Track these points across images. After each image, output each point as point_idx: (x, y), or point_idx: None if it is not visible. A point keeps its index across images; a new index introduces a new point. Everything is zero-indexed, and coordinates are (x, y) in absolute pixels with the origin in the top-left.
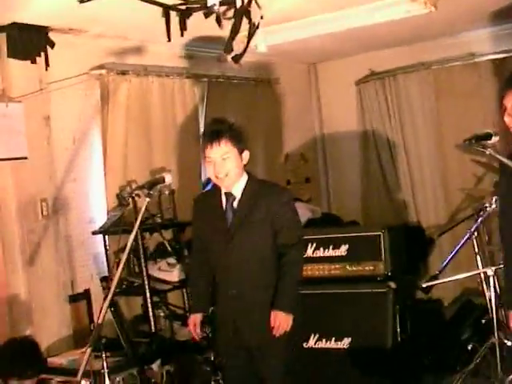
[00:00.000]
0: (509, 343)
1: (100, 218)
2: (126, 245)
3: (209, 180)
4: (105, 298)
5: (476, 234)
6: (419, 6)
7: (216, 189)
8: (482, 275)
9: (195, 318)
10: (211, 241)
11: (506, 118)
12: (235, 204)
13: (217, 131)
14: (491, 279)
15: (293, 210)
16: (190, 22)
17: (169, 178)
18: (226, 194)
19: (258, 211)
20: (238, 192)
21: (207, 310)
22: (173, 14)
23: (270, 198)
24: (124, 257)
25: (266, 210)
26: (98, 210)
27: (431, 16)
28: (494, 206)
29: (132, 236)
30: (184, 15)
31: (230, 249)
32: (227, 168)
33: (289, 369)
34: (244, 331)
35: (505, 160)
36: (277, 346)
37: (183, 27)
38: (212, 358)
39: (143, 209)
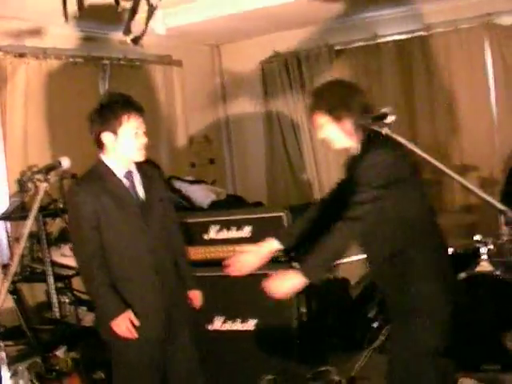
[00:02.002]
0: None
1: (1, 204)
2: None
3: None
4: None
5: None
6: None
7: None
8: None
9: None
10: None
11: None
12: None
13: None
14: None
15: None
16: (88, 2)
17: (66, 163)
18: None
19: None
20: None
21: None
22: None
23: None
24: (22, 243)
25: None
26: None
27: None
28: None
29: (29, 222)
30: None
31: None
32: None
33: None
34: None
35: (401, 140)
36: None
37: (81, 7)
38: None
39: (41, 194)
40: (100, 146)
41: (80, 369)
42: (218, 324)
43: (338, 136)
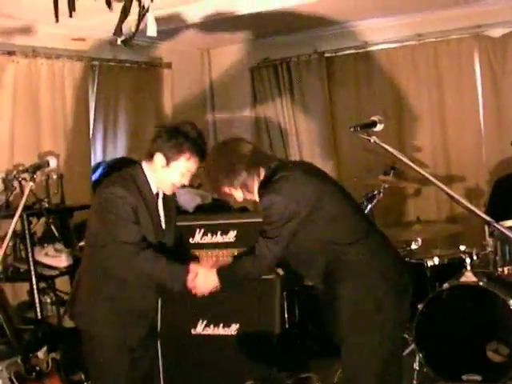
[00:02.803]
0: None
1: None
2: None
3: (98, 165)
4: None
5: None
6: None
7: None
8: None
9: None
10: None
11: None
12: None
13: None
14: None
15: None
16: (80, 3)
17: (53, 162)
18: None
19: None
20: None
21: None
22: None
23: None
24: (5, 242)
25: None
26: None
27: (324, 4)
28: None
29: (14, 221)
30: None
31: None
32: None
33: None
34: None
35: (389, 148)
36: None
37: (72, 8)
38: None
39: (26, 193)
40: (149, 157)
41: (60, 370)
42: (200, 328)
43: (247, 195)
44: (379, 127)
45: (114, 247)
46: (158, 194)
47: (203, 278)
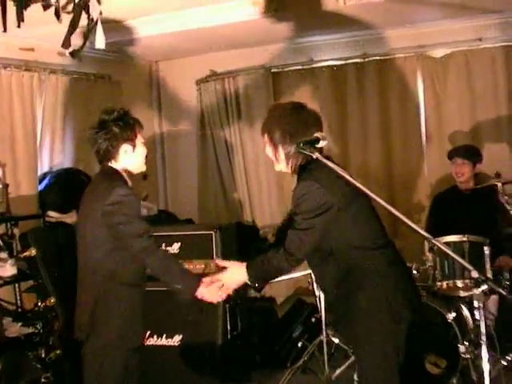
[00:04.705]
0: (336, 341)
1: None
2: None
3: (45, 175)
4: None
5: None
6: (260, 10)
7: None
8: (313, 276)
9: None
10: None
11: None
12: None
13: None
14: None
15: None
16: (29, 13)
17: None
18: None
19: None
20: None
21: None
22: (10, 3)
23: None
24: None
25: None
26: None
27: (271, 21)
28: None
29: None
30: (22, 6)
31: None
32: None
33: None
34: None
35: (330, 164)
36: None
37: (20, 18)
38: (43, 355)
39: None
40: (111, 157)
41: (2, 380)
42: (148, 339)
43: (274, 158)
44: (322, 143)
45: (124, 253)
46: None
47: (231, 275)
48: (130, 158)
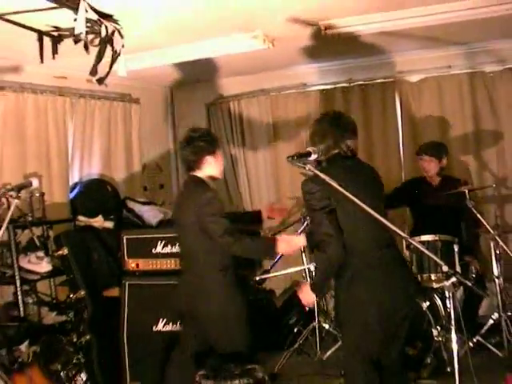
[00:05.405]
0: (327, 326)
1: None
2: None
3: (75, 185)
4: None
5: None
6: (259, 43)
7: None
8: (307, 270)
9: None
10: None
11: None
12: None
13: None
14: (313, 273)
15: None
16: (62, 46)
17: (35, 182)
18: None
19: None
20: None
21: None
22: (46, 38)
23: None
24: None
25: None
26: None
27: (270, 51)
28: None
29: (1, 232)
30: (56, 40)
31: None
32: None
33: None
34: None
35: (321, 175)
36: None
37: (55, 51)
38: (74, 340)
39: (12, 208)
40: (196, 167)
41: (40, 361)
42: (160, 325)
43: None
44: (313, 157)
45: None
46: None
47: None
48: (213, 168)
